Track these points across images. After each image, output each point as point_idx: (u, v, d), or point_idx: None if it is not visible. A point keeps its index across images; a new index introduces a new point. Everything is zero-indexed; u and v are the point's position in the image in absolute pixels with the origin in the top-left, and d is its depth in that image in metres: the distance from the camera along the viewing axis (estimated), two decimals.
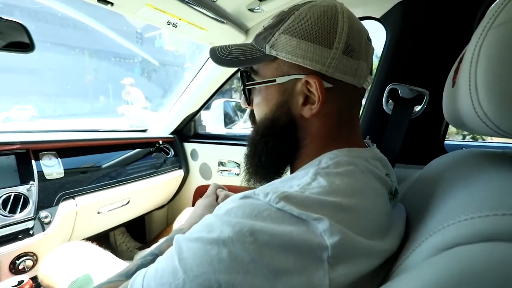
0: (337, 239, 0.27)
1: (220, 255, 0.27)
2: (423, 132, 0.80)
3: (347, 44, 0.37)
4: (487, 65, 0.28)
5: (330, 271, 0.27)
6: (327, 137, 0.41)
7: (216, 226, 0.29)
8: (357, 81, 0.39)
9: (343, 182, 0.33)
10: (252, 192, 0.32)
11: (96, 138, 1.08)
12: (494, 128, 0.30)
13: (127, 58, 12.55)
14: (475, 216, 0.26)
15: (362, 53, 0.38)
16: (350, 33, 0.37)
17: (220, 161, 1.28)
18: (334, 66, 0.37)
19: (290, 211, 0.29)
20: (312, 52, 0.37)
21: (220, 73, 1.15)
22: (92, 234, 1.06)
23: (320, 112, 0.38)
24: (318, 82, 0.37)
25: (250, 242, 0.27)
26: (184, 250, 0.29)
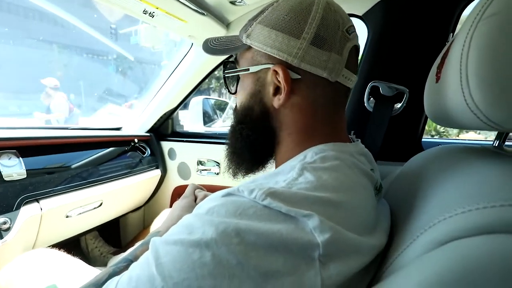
0: (328, 236, 0.26)
1: (203, 259, 0.25)
2: (403, 130, 0.82)
3: (317, 35, 0.35)
4: (478, 57, 0.28)
5: (322, 270, 0.25)
6: (305, 131, 0.40)
7: (197, 227, 0.27)
8: (328, 74, 0.36)
9: (331, 177, 0.32)
10: (235, 189, 0.30)
11: (65, 135, 1.00)
12: (485, 120, 0.29)
13: (101, 54, 12.00)
14: (472, 209, 0.26)
15: (335, 45, 0.36)
16: (322, 23, 0.36)
17: (199, 160, 1.24)
18: (301, 56, 0.36)
19: (277, 208, 0.27)
20: (280, 41, 0.36)
21: (198, 70, 1.11)
22: (60, 240, 0.98)
23: (289, 103, 0.38)
24: (283, 72, 0.36)
25: (236, 243, 0.25)
26: (162, 255, 0.26)
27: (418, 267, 0.25)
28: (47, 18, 9.76)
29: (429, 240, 0.27)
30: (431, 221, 0.29)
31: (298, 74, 0.37)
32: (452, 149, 0.44)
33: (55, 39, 10.66)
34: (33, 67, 9.15)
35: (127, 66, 12.03)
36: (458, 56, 0.31)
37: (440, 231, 0.27)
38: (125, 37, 11.38)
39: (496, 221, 0.23)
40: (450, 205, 0.28)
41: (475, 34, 0.29)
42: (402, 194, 0.45)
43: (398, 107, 0.71)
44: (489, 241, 0.22)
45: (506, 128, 0.29)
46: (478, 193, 0.28)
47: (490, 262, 0.20)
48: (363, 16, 0.81)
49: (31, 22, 9.10)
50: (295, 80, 0.37)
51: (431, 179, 0.38)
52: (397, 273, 0.27)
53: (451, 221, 0.27)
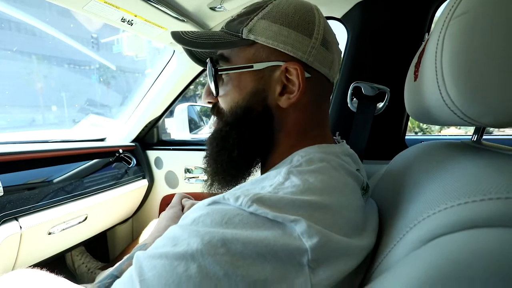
0: (316, 240, 0.25)
1: (188, 272, 0.24)
2: (386, 128, 0.83)
3: (324, 37, 0.37)
4: (451, 54, 0.29)
5: (312, 276, 0.25)
6: (301, 132, 0.40)
7: (183, 238, 0.26)
8: (331, 74, 0.40)
9: (317, 179, 0.31)
10: (221, 197, 0.29)
11: (46, 149, 0.96)
12: (462, 116, 0.30)
13: (83, 64, 11.74)
14: (454, 204, 0.26)
15: (335, 49, 0.40)
16: (326, 27, 0.38)
17: (186, 168, 1.22)
18: (314, 55, 0.37)
19: (264, 215, 0.26)
20: (293, 38, 0.36)
21: (182, 77, 1.10)
22: (43, 259, 0.94)
23: (298, 103, 0.37)
24: (300, 69, 0.36)
25: (222, 253, 0.24)
26: (146, 270, 0.25)
27: (405, 266, 0.25)
28: (24, 29, 9.49)
29: (415, 238, 0.27)
30: (415, 219, 0.29)
31: (309, 73, 0.37)
32: (434, 146, 0.45)
33: (34, 50, 10.36)
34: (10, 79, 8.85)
35: (110, 75, 11.80)
36: (432, 55, 0.32)
37: (425, 229, 0.27)
38: (107, 46, 11.19)
39: (477, 216, 0.23)
40: (433, 202, 0.29)
41: (447, 33, 0.30)
42: (388, 193, 0.45)
43: (380, 106, 0.72)
44: (471, 236, 0.22)
45: (482, 123, 0.30)
46: (459, 188, 0.28)
47: (473, 257, 0.20)
48: (342, 19, 0.82)
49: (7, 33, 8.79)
50: (306, 79, 0.37)
51: (415, 177, 0.39)
52: (385, 273, 0.27)
53: (434, 218, 0.27)
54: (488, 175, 0.27)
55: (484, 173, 0.28)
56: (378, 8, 0.77)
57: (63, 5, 0.61)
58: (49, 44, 10.84)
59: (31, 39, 9.77)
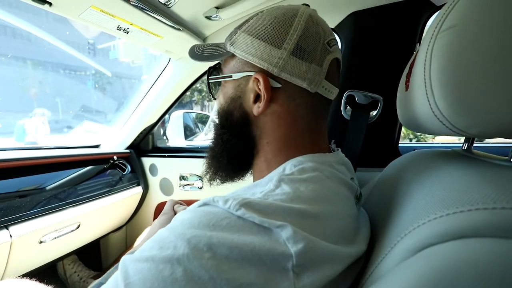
0: (301, 246, 0.26)
1: (174, 275, 0.24)
2: (380, 136, 0.84)
3: (298, 46, 0.36)
4: (439, 67, 0.29)
5: (296, 281, 0.25)
6: (284, 140, 0.40)
7: (170, 241, 0.26)
8: (307, 85, 0.37)
9: (307, 188, 0.32)
10: (211, 199, 0.30)
11: (38, 156, 0.95)
12: (451, 127, 0.31)
13: (78, 70, 11.71)
14: (443, 214, 0.26)
15: (315, 57, 0.37)
16: (304, 35, 0.36)
17: (181, 175, 1.22)
18: (281, 66, 0.37)
19: (251, 219, 0.27)
20: (262, 50, 0.37)
21: (177, 84, 1.10)
22: (33, 268, 0.92)
23: (269, 111, 0.39)
24: (263, 80, 0.37)
25: (207, 257, 0.24)
26: (132, 273, 0.25)
27: (396, 276, 0.25)
28: (20, 35, 9.46)
29: (405, 248, 0.27)
30: (406, 228, 0.29)
31: (279, 83, 0.38)
32: (425, 154, 0.46)
33: (29, 56, 10.31)
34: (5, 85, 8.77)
35: (106, 81, 11.78)
36: (421, 67, 0.33)
37: (415, 239, 0.27)
38: (103, 52, 11.20)
39: (465, 226, 0.24)
40: (423, 212, 0.29)
41: (435, 46, 0.30)
42: (381, 201, 0.45)
43: (374, 115, 0.73)
44: (460, 246, 0.22)
45: (471, 133, 0.31)
46: (448, 198, 0.28)
47: (461, 267, 0.21)
48: (336, 28, 0.84)
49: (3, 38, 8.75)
50: (275, 89, 0.38)
51: (406, 186, 0.39)
52: (377, 283, 0.27)
53: (424, 228, 0.27)
54: (476, 185, 0.28)
55: (472, 182, 0.29)
56: (371, 18, 0.78)
57: (60, 13, 0.62)
58: (44, 50, 10.79)
59: (26, 44, 9.73)
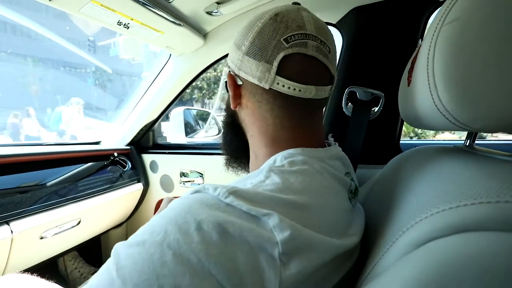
0: (288, 234, 0.26)
1: (163, 258, 0.25)
2: (381, 133, 0.84)
3: (251, 46, 0.38)
4: (442, 61, 0.29)
5: (282, 270, 0.26)
6: (264, 134, 0.42)
7: (160, 226, 0.27)
8: (258, 81, 0.38)
9: (297, 180, 0.32)
10: (202, 186, 0.31)
11: (39, 152, 0.95)
12: (454, 121, 0.30)
13: (79, 67, 11.69)
14: (446, 208, 0.26)
15: (266, 54, 0.37)
16: (258, 35, 0.38)
17: (182, 172, 1.22)
18: (239, 65, 0.40)
19: (239, 207, 0.28)
20: (232, 54, 0.42)
21: (178, 81, 1.10)
22: (34, 264, 0.92)
23: (243, 106, 0.43)
24: (228, 77, 0.43)
25: (197, 242, 0.25)
26: (123, 258, 0.26)
27: (398, 271, 0.25)
28: (20, 31, 9.43)
29: (407, 243, 0.27)
30: (408, 223, 0.29)
31: (241, 81, 0.42)
32: (427, 150, 0.46)
33: (29, 53, 10.29)
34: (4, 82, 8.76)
35: (107, 78, 11.77)
36: (425, 60, 0.32)
37: (417, 233, 0.27)
38: (104, 50, 11.17)
39: (468, 220, 0.23)
40: (425, 206, 0.29)
41: (438, 40, 0.30)
42: (382, 197, 0.45)
43: (375, 111, 0.73)
44: (463, 240, 0.22)
45: (474, 127, 0.30)
46: (450, 192, 0.28)
47: (463, 260, 0.20)
48: (337, 24, 0.83)
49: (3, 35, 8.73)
50: (240, 86, 0.43)
51: (408, 181, 0.39)
52: (378, 278, 0.27)
53: (426, 222, 0.27)
54: (479, 179, 0.28)
55: (475, 177, 0.29)
56: (373, 14, 0.78)
57: (59, 8, 0.61)
58: (44, 46, 10.77)
59: (26, 41, 9.71)
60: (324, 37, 0.38)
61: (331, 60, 0.39)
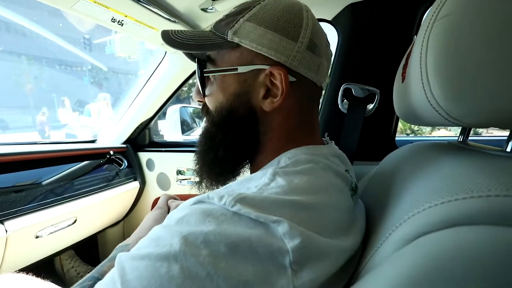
0: (298, 241, 0.25)
1: (171, 272, 0.23)
2: (377, 129, 0.84)
3: (311, 40, 0.36)
4: (435, 55, 0.29)
5: (294, 279, 0.25)
6: (288, 134, 0.39)
7: (166, 239, 0.26)
8: (318, 79, 0.39)
9: (302, 180, 0.31)
10: (205, 196, 0.29)
11: (34, 151, 0.94)
12: (446, 116, 0.31)
13: (74, 65, 11.58)
14: (438, 203, 0.26)
15: (323, 52, 0.39)
16: (314, 30, 0.37)
17: (178, 170, 1.21)
18: (299, 59, 0.36)
19: (247, 214, 0.26)
20: (277, 43, 0.35)
21: (173, 78, 1.09)
22: (30, 263, 0.91)
23: (282, 106, 0.37)
24: (284, 74, 0.35)
25: (205, 254, 0.24)
26: (128, 271, 0.25)
27: (390, 266, 0.25)
28: (14, 29, 9.31)
29: (400, 238, 0.27)
30: (401, 218, 0.29)
31: (294, 77, 0.37)
32: (421, 146, 0.46)
33: (24, 51, 10.16)
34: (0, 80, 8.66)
35: (103, 77, 11.67)
36: (418, 55, 0.32)
37: (409, 228, 0.27)
38: (100, 48, 11.07)
39: (459, 214, 0.24)
40: (418, 201, 0.29)
41: (431, 34, 0.30)
42: (377, 194, 0.45)
43: (370, 108, 0.73)
44: (454, 234, 0.23)
45: (466, 122, 0.31)
46: (443, 187, 0.28)
47: (456, 255, 0.21)
48: (333, 21, 0.83)
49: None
50: (290, 83, 0.36)
51: (401, 177, 0.39)
52: (370, 273, 0.27)
53: (419, 216, 0.27)
54: (471, 174, 0.28)
55: (467, 172, 0.29)
56: (368, 10, 0.78)
57: (52, 4, 0.60)
58: (39, 44, 10.64)
59: (21, 39, 9.58)
60: None
61: None
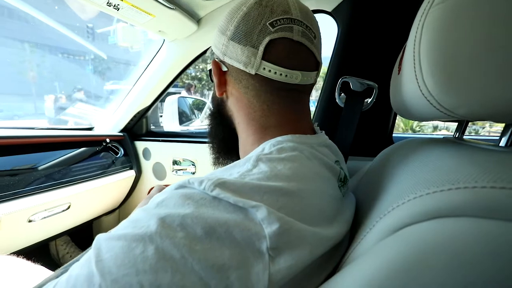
0: (276, 227, 0.25)
1: (145, 253, 0.23)
2: (374, 125, 0.83)
3: (236, 31, 0.38)
4: (429, 43, 0.28)
5: (271, 264, 0.24)
6: (251, 121, 0.41)
7: (144, 220, 0.26)
8: (244, 67, 0.38)
9: (285, 167, 0.31)
10: (186, 181, 0.29)
11: (30, 135, 0.94)
12: (438, 107, 0.30)
13: (77, 54, 11.55)
14: (423, 194, 0.26)
15: (251, 39, 0.37)
16: (243, 19, 0.37)
17: (174, 160, 1.21)
18: (224, 51, 0.40)
19: (226, 199, 0.26)
20: (216, 39, 0.42)
21: (171, 67, 1.08)
22: (23, 247, 0.92)
23: (228, 94, 0.43)
24: (213, 64, 0.42)
25: (180, 237, 0.24)
26: (104, 251, 0.25)
27: (372, 256, 0.25)
28: (17, 15, 9.27)
29: (383, 228, 0.27)
30: (386, 209, 0.29)
31: (226, 67, 0.41)
32: (415, 141, 0.45)
33: (26, 38, 10.12)
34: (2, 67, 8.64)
35: (106, 66, 11.65)
36: (412, 43, 0.31)
37: (393, 218, 0.26)
38: (103, 37, 11.02)
39: (444, 205, 0.23)
40: (404, 192, 0.29)
41: (426, 21, 0.29)
42: (368, 187, 0.45)
43: (368, 103, 0.72)
44: (437, 225, 0.22)
45: (459, 114, 0.30)
46: (430, 179, 0.28)
47: (434, 247, 0.20)
48: (332, 12, 0.81)
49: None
50: (226, 73, 0.42)
51: (392, 170, 0.39)
52: (351, 263, 0.27)
53: (403, 207, 0.26)
54: (461, 166, 0.27)
55: (457, 164, 0.28)
56: (368, 2, 0.76)
57: None
58: (41, 32, 10.59)
59: (24, 26, 9.53)
60: (310, 22, 0.38)
61: (317, 46, 0.40)
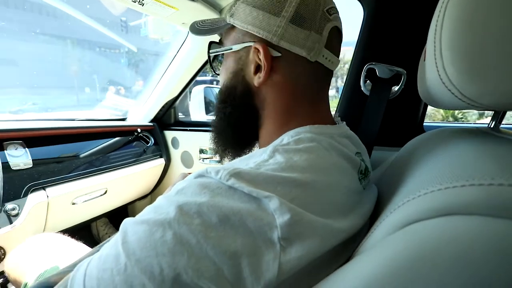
0: (287, 218, 0.26)
1: (164, 237, 0.25)
2: (402, 113, 0.79)
3: (297, 13, 0.36)
4: (450, 29, 0.27)
5: (282, 255, 0.25)
6: (285, 111, 0.40)
7: (164, 207, 0.28)
8: (307, 53, 0.37)
9: (301, 158, 0.31)
10: (205, 170, 0.30)
11: (70, 126, 1.03)
12: (460, 96, 0.28)
13: (113, 48, 12.17)
14: (434, 190, 0.25)
15: (314, 24, 0.37)
16: (303, 2, 0.36)
17: (201, 149, 1.25)
18: (280, 34, 0.37)
19: (240, 189, 0.27)
20: (260, 19, 0.37)
21: (196, 58, 1.11)
22: (68, 226, 1.03)
23: (270, 82, 0.39)
24: (263, 49, 0.37)
25: (196, 223, 0.25)
26: (129, 234, 0.27)
27: (376, 251, 0.24)
28: (60, 14, 9.92)
29: (392, 223, 0.26)
30: (397, 203, 0.28)
31: (279, 52, 0.38)
32: (446, 132, 0.43)
33: (68, 34, 10.84)
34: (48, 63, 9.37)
35: (139, 58, 12.15)
36: (433, 29, 0.29)
37: (402, 214, 0.26)
38: (135, 30, 11.46)
39: (455, 202, 0.22)
40: (417, 187, 0.27)
41: (449, 4, 0.27)
42: (392, 180, 0.43)
43: (395, 90, 0.68)
44: (445, 223, 0.21)
45: (482, 104, 0.28)
46: (446, 173, 0.26)
47: (440, 245, 0.20)
48: None
49: (45, 18, 9.24)
50: (276, 58, 0.38)
51: (416, 162, 0.37)
52: (358, 257, 0.27)
53: (412, 203, 0.26)
54: (482, 161, 0.26)
55: (477, 158, 0.26)
56: None
57: None
58: (80, 28, 11.26)
59: (65, 24, 10.20)
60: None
61: None
